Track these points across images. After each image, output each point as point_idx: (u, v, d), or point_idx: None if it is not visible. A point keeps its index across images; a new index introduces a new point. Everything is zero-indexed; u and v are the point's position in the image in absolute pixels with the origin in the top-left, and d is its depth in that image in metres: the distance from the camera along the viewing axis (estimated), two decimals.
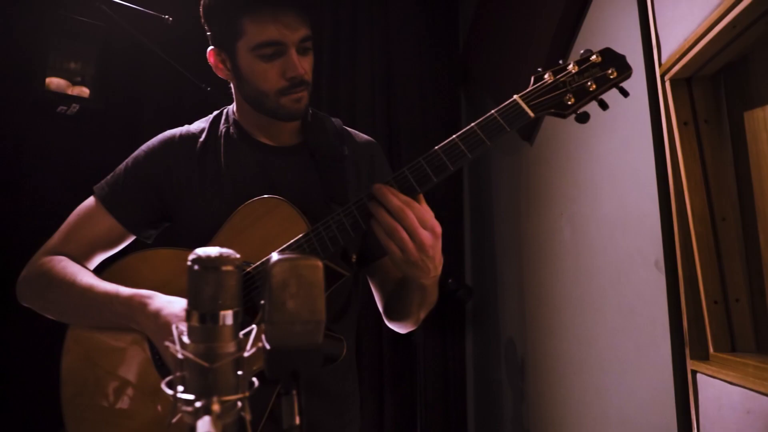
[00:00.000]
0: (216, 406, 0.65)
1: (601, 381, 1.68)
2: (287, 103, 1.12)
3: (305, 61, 1.12)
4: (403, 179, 0.94)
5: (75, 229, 1.18)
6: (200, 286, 0.68)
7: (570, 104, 0.95)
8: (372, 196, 0.92)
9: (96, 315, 1.07)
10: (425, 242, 0.89)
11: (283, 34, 1.07)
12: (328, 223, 1.00)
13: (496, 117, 0.95)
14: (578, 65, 0.96)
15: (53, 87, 1.78)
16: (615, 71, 0.95)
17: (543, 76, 0.97)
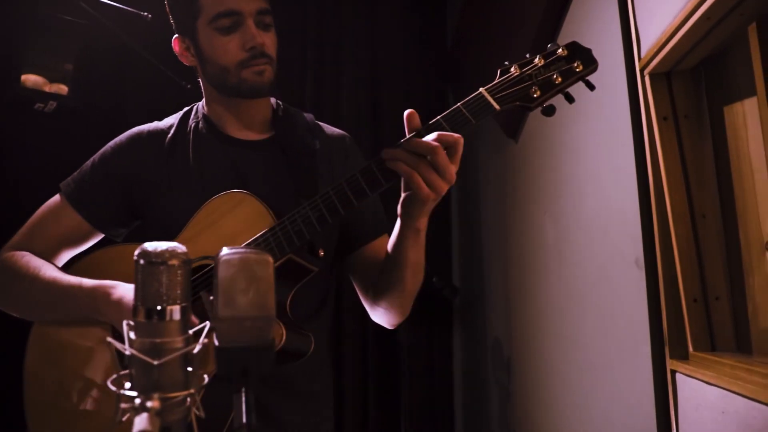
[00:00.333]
0: (155, 402, 0.64)
1: (585, 381, 1.66)
2: (248, 75, 1.10)
3: (266, 37, 1.11)
4: (374, 167, 0.94)
5: (40, 226, 1.16)
6: (146, 280, 0.67)
7: (536, 97, 0.94)
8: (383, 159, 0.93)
9: (60, 308, 1.05)
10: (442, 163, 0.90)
11: (239, 3, 1.08)
12: (294, 217, 0.99)
13: (461, 110, 0.94)
14: (544, 58, 0.95)
15: (29, 84, 1.76)
16: (581, 64, 0.95)
17: (509, 69, 0.96)
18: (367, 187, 0.95)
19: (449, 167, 0.90)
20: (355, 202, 0.96)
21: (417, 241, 1.02)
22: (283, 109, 1.27)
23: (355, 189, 0.96)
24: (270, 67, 1.12)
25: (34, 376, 1.09)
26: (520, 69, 0.95)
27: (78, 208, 1.14)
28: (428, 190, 0.90)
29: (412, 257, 1.04)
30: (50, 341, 1.10)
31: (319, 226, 0.98)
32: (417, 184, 0.90)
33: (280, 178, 1.16)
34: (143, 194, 1.16)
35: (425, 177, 0.89)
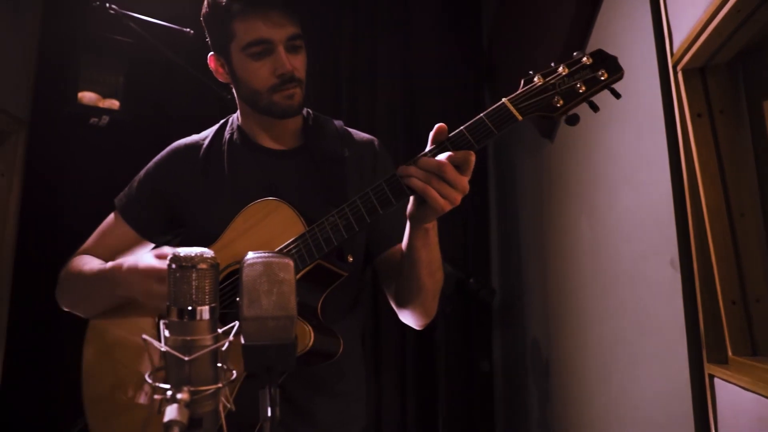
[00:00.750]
0: (185, 395, 0.69)
1: (622, 382, 1.63)
2: (279, 99, 1.15)
3: (296, 59, 1.15)
4: (391, 184, 0.98)
5: (100, 235, 1.28)
6: (178, 283, 0.72)
7: (558, 106, 0.94)
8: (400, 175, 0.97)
9: (98, 294, 1.14)
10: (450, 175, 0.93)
11: (270, 32, 1.11)
12: (323, 224, 1.03)
13: (484, 120, 0.95)
14: (568, 67, 0.95)
15: (85, 101, 1.91)
16: (606, 72, 0.94)
17: (533, 78, 0.96)
18: (391, 195, 0.98)
19: (460, 180, 0.93)
20: (380, 209, 0.99)
21: (427, 240, 1.04)
22: (314, 118, 1.32)
23: (381, 197, 0.99)
24: (300, 89, 1.17)
25: (90, 371, 1.18)
26: (544, 78, 0.95)
27: (128, 220, 1.25)
28: (443, 201, 0.93)
29: (424, 256, 1.05)
30: (104, 337, 1.18)
31: (346, 234, 1.01)
32: (432, 197, 0.93)
33: (311, 185, 1.21)
34: (184, 204, 1.24)
35: (439, 190, 0.92)
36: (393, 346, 2.55)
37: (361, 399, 1.28)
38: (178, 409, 0.67)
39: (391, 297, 1.25)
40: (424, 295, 1.12)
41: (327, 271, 1.08)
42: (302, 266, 1.03)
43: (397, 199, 0.98)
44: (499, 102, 0.96)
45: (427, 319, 1.20)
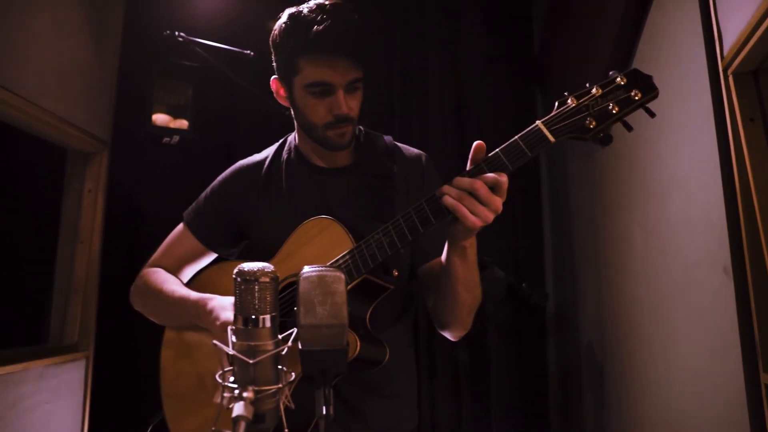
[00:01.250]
0: (250, 393, 0.79)
1: (676, 389, 1.61)
2: (332, 136, 1.23)
3: (352, 100, 1.22)
4: (431, 204, 1.04)
5: (169, 247, 1.41)
6: (243, 294, 0.82)
7: (591, 128, 0.95)
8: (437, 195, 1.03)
9: (176, 316, 1.27)
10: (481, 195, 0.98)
11: (334, 77, 1.17)
12: (369, 241, 1.11)
13: (518, 142, 0.99)
14: (602, 88, 0.96)
15: (159, 122, 2.09)
16: (639, 92, 0.94)
17: (566, 100, 0.98)
18: (431, 214, 1.04)
19: (492, 199, 0.97)
20: (421, 228, 1.05)
21: (465, 258, 1.08)
22: (365, 135, 1.39)
23: (421, 216, 1.05)
24: (352, 126, 1.24)
25: (167, 370, 1.31)
26: (577, 100, 0.97)
27: (194, 232, 1.37)
28: (473, 218, 0.97)
29: (461, 273, 1.10)
30: (179, 341, 1.31)
31: (390, 250, 1.08)
32: (462, 214, 0.97)
33: (361, 201, 1.28)
34: (245, 219, 1.34)
35: (469, 208, 0.97)
36: (446, 350, 2.58)
37: (412, 401, 1.35)
38: (244, 406, 0.76)
39: (429, 308, 1.30)
40: (460, 310, 1.16)
41: (374, 284, 1.15)
42: (350, 280, 1.10)
43: (437, 218, 1.03)
44: (534, 125, 0.99)
45: (460, 334, 1.24)
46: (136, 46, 2.44)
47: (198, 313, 1.19)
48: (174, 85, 2.16)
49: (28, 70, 1.83)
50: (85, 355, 2.13)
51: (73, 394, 2.06)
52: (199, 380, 1.25)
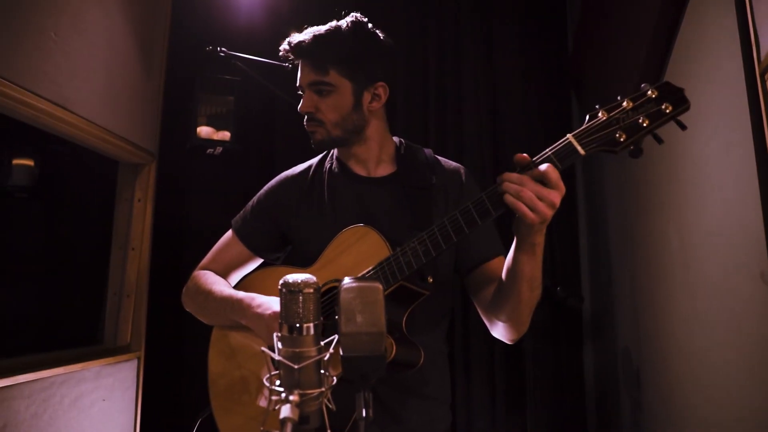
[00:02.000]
0: (296, 397, 0.85)
1: (713, 396, 1.59)
2: (307, 131, 1.37)
3: (321, 102, 1.32)
4: (479, 203, 1.08)
5: (218, 252, 1.50)
6: (288, 304, 0.89)
7: (621, 141, 0.97)
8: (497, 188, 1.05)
9: (223, 315, 1.34)
10: (546, 196, 1.00)
11: (299, 79, 1.35)
12: (405, 249, 1.16)
13: (550, 156, 1.02)
14: (633, 101, 0.97)
15: (203, 135, 2.20)
16: (670, 106, 0.95)
17: (597, 113, 1.00)
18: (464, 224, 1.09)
19: (545, 192, 0.99)
20: (454, 237, 1.10)
21: (533, 256, 1.10)
22: (406, 146, 1.45)
23: (455, 226, 1.10)
24: (321, 128, 1.34)
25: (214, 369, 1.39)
26: (608, 113, 0.98)
27: (242, 239, 1.46)
28: (532, 214, 0.99)
29: (527, 271, 1.10)
30: (226, 342, 1.39)
31: (424, 258, 1.13)
32: (522, 212, 1.00)
33: (400, 211, 1.33)
34: (290, 226, 1.42)
35: (528, 204, 0.99)
36: (482, 353, 2.59)
37: (446, 402, 1.39)
38: (290, 408, 0.82)
39: (483, 311, 1.32)
40: (521, 309, 1.17)
41: (409, 290, 1.20)
42: (387, 287, 1.16)
43: (470, 228, 1.08)
44: (565, 138, 1.02)
45: (519, 334, 1.25)
46: (180, 61, 2.56)
47: (243, 310, 1.27)
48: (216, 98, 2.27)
49: (84, 89, 1.95)
50: (137, 355, 2.26)
51: (126, 391, 2.19)
52: (242, 380, 1.33)
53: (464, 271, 1.36)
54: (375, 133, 1.40)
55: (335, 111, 1.32)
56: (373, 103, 1.35)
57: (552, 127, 2.77)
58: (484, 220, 1.08)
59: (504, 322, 1.23)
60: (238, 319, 1.29)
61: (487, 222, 1.08)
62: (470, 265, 1.34)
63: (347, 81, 1.31)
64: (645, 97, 0.97)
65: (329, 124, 1.33)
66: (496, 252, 1.34)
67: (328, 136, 1.34)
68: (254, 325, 1.25)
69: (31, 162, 2.42)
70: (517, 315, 1.19)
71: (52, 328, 2.31)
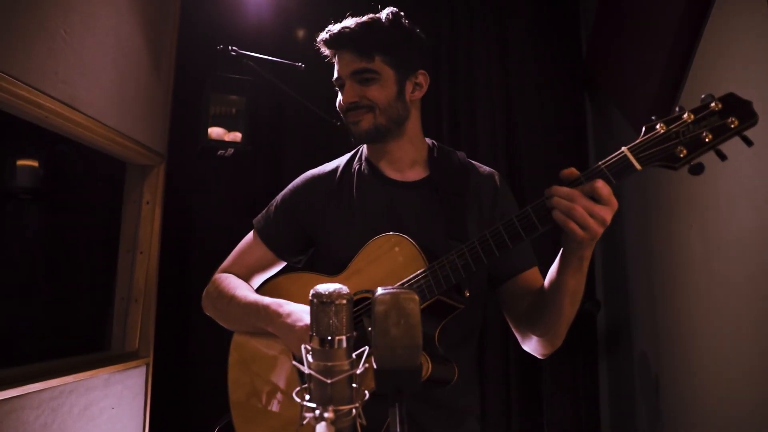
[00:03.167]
0: (330, 414, 0.81)
1: (735, 405, 1.56)
2: (349, 123, 1.31)
3: (367, 89, 1.27)
4: (524, 217, 1.02)
5: (240, 254, 1.44)
6: (320, 316, 0.84)
7: (681, 157, 0.90)
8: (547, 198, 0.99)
9: (246, 321, 1.29)
10: (597, 212, 0.94)
11: (340, 70, 1.30)
12: (443, 262, 1.11)
13: (603, 170, 0.95)
14: (694, 114, 0.90)
15: (214, 136, 2.15)
16: (736, 120, 0.87)
17: (655, 126, 0.92)
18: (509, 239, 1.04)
19: (597, 209, 0.93)
20: (497, 252, 1.05)
21: (579, 269, 1.04)
22: (438, 149, 1.40)
23: (498, 240, 1.05)
24: (369, 114, 1.28)
25: (233, 378, 1.34)
26: (667, 126, 0.91)
27: (265, 241, 1.40)
28: (582, 233, 0.94)
29: (571, 285, 1.06)
30: (245, 350, 1.34)
31: (464, 273, 1.08)
32: (571, 229, 0.94)
33: (432, 217, 1.28)
34: (316, 230, 1.36)
35: (579, 222, 0.93)
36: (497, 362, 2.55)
37: (476, 415, 1.34)
38: (326, 426, 0.78)
39: (515, 324, 1.27)
40: (561, 323, 1.13)
41: (445, 304, 1.15)
42: (423, 301, 1.11)
43: (514, 243, 1.03)
44: (619, 151, 0.94)
45: (553, 349, 1.20)
46: (190, 60, 2.52)
47: (270, 318, 1.22)
48: (227, 98, 2.22)
49: (94, 90, 1.91)
50: (146, 361, 2.21)
51: (135, 398, 2.15)
52: (265, 390, 1.28)
53: (497, 282, 1.31)
54: (413, 128, 1.35)
55: (382, 98, 1.28)
56: (415, 92, 1.32)
57: (566, 131, 2.74)
58: (529, 235, 1.02)
59: (540, 336, 1.18)
60: (264, 326, 1.24)
61: (532, 237, 1.03)
62: (504, 276, 1.29)
63: (390, 69, 1.28)
64: (708, 109, 0.90)
65: (378, 109, 1.28)
66: (530, 263, 1.29)
67: (374, 123, 1.28)
68: (284, 335, 1.20)
69: (36, 163, 2.37)
70: (555, 329, 1.14)
71: (59, 335, 2.26)
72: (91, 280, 2.42)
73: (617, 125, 2.52)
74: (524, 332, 1.23)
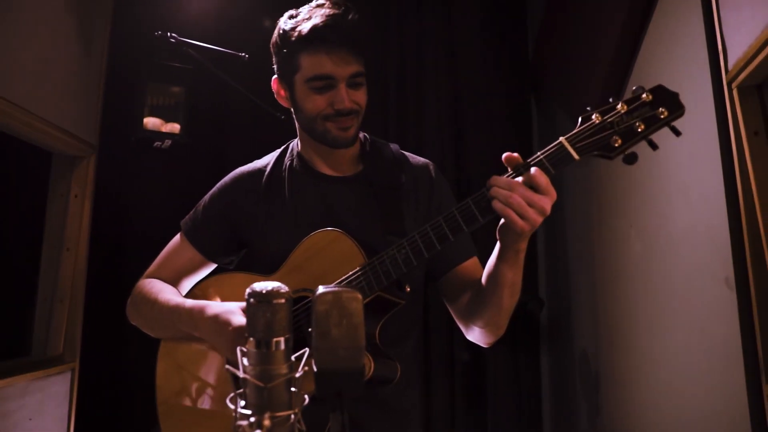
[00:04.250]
0: (267, 421, 0.76)
1: (674, 401, 1.61)
2: (332, 129, 1.20)
3: (357, 94, 1.20)
4: (464, 209, 1.01)
5: (166, 257, 1.36)
6: (256, 316, 0.79)
7: (616, 146, 0.93)
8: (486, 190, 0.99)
9: (172, 326, 1.21)
10: (536, 202, 0.94)
11: (335, 69, 1.16)
12: (383, 257, 1.08)
13: (542, 160, 0.97)
14: (627, 104, 0.94)
15: (150, 126, 2.03)
16: (666, 111, 0.92)
17: (591, 116, 0.95)
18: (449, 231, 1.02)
19: (536, 198, 0.94)
20: (438, 245, 1.03)
21: (516, 262, 1.06)
22: (371, 143, 1.36)
23: (438, 233, 1.03)
24: (356, 121, 1.22)
25: (162, 385, 1.26)
26: (602, 116, 0.94)
27: (193, 243, 1.32)
28: (522, 222, 0.94)
29: (509, 277, 1.07)
30: (175, 355, 1.26)
31: (405, 268, 1.06)
32: (511, 219, 0.94)
33: (368, 212, 1.25)
34: (247, 229, 1.30)
35: (518, 211, 0.94)
36: (442, 359, 2.56)
37: (418, 416, 1.32)
38: None
39: (457, 315, 1.27)
40: (502, 314, 1.13)
41: (386, 301, 1.13)
42: (364, 297, 1.07)
43: (455, 235, 1.02)
44: (557, 141, 0.97)
45: (496, 338, 1.21)
46: (126, 47, 2.37)
47: (194, 322, 1.15)
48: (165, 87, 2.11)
49: (13, 73, 1.75)
50: (71, 366, 2.06)
51: (57, 408, 1.99)
52: (197, 399, 1.21)
53: (437, 274, 1.30)
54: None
55: (364, 104, 1.23)
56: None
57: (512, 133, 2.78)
58: (470, 227, 1.02)
59: (482, 327, 1.18)
60: (190, 330, 1.17)
61: (473, 229, 1.02)
62: (444, 268, 1.28)
63: (367, 69, 1.22)
64: (639, 100, 0.93)
65: (361, 115, 1.23)
66: (469, 253, 1.29)
67: (358, 129, 1.24)
68: (212, 339, 1.13)
69: None
70: (497, 320, 1.15)
71: None
72: (12, 280, 2.23)
73: (562, 127, 2.57)
74: (466, 323, 1.23)
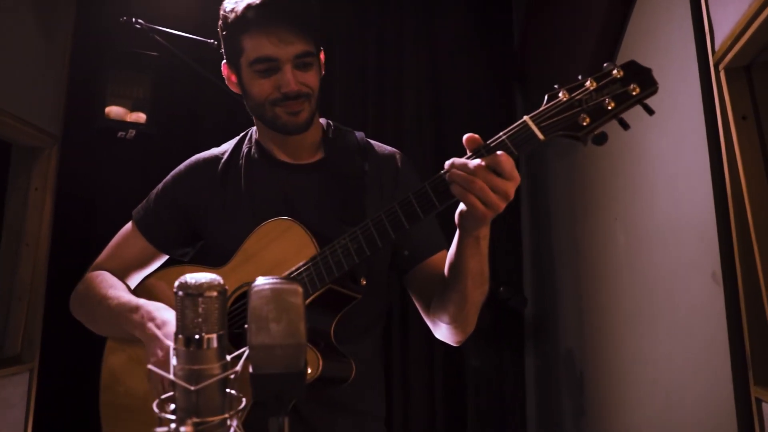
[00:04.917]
0: (188, 427, 0.67)
1: (660, 399, 1.54)
2: (282, 114, 1.12)
3: (306, 76, 1.12)
4: (421, 194, 0.93)
5: (117, 248, 1.27)
6: (185, 310, 0.70)
7: (585, 125, 0.86)
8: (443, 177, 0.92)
9: (117, 327, 1.13)
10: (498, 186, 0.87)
11: (276, 51, 1.08)
12: (334, 247, 1.01)
13: (505, 141, 0.89)
14: (596, 81, 0.87)
15: (113, 115, 1.94)
16: (637, 87, 0.84)
17: (557, 94, 0.88)
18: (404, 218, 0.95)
19: (498, 182, 0.86)
20: (392, 233, 0.95)
21: (477, 250, 0.98)
22: (334, 130, 1.28)
23: (393, 220, 0.95)
24: (308, 104, 1.13)
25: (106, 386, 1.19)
26: (569, 94, 0.87)
27: (144, 232, 1.24)
28: (484, 208, 0.87)
29: (472, 267, 0.99)
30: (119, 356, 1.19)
31: (357, 258, 0.98)
32: (472, 204, 0.87)
33: (328, 202, 1.17)
34: (201, 219, 1.22)
35: (479, 196, 0.87)
36: (421, 358, 2.50)
37: (381, 418, 1.25)
38: None
39: (425, 311, 1.19)
40: (468, 308, 1.05)
41: (339, 294, 1.05)
42: (313, 291, 1.00)
43: (411, 223, 0.94)
44: (521, 120, 0.89)
45: (465, 335, 1.13)
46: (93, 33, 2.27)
47: (134, 322, 1.07)
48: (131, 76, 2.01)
49: None
50: (29, 367, 1.96)
51: (14, 410, 1.89)
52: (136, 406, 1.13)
53: (403, 269, 1.22)
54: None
55: (317, 86, 1.15)
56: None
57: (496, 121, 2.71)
58: (427, 213, 0.94)
59: (448, 323, 1.10)
60: (132, 331, 1.09)
61: (430, 216, 0.95)
62: (411, 262, 1.20)
63: (318, 50, 1.15)
64: (610, 77, 0.86)
65: (313, 97, 1.15)
66: (438, 246, 1.21)
67: (311, 113, 1.15)
68: (146, 341, 1.04)
69: None
70: (464, 315, 1.06)
71: None
72: None
73: None
74: (433, 320, 1.15)
